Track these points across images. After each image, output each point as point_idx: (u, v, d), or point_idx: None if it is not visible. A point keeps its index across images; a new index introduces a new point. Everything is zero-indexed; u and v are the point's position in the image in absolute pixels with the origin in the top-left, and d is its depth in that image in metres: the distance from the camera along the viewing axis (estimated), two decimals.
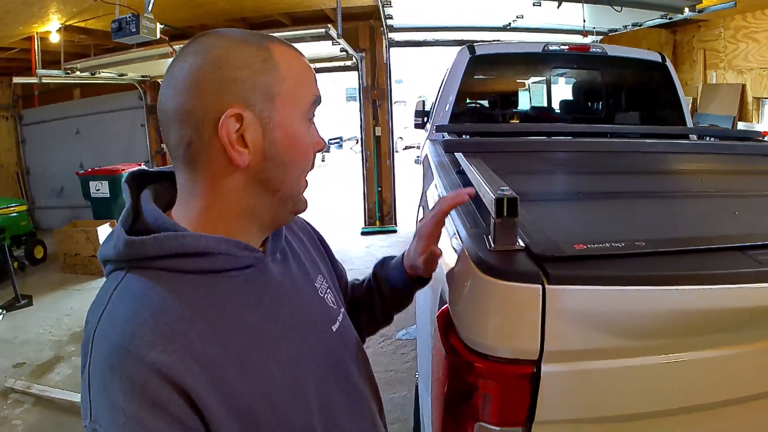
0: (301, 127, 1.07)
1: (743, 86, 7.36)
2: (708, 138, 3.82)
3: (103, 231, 7.88)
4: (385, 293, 1.50)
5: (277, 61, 1.04)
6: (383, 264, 1.54)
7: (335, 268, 1.48)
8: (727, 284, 1.11)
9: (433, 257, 1.38)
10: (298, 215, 1.32)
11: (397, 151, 10.45)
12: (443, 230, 1.38)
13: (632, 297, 1.09)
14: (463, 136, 2.97)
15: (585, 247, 1.19)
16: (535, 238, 1.24)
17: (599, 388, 1.15)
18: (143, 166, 8.67)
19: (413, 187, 8.62)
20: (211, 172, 1.02)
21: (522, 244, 1.22)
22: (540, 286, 1.08)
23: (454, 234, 1.51)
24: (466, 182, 1.91)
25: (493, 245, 1.23)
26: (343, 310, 1.32)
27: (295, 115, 1.06)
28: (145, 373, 0.85)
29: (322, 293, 1.26)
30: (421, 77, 24.10)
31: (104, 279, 1.04)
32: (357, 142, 9.91)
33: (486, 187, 1.33)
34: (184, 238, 0.99)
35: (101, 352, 0.89)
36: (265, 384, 0.99)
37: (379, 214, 10.02)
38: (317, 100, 1.11)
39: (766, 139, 3.54)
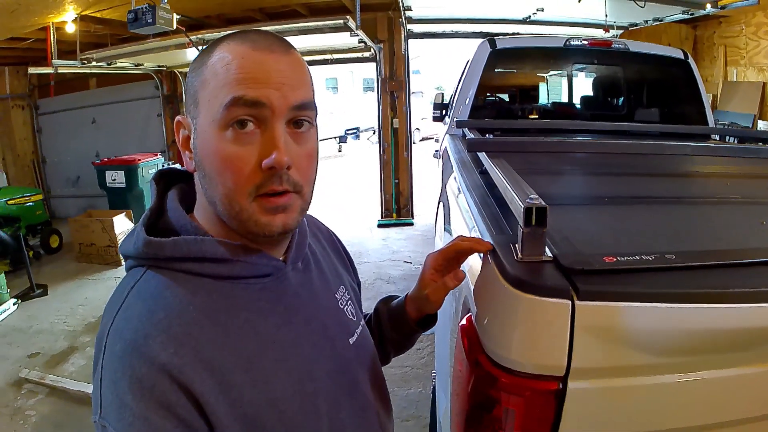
0: (216, 136, 0.97)
1: (764, 84, 7.28)
2: (730, 138, 3.78)
3: (119, 221, 7.92)
4: (385, 333, 1.45)
5: (207, 63, 0.99)
6: (386, 302, 1.49)
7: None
8: (761, 303, 1.08)
9: (445, 286, 1.31)
10: (322, 224, 1.31)
11: (414, 143, 10.44)
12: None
13: (664, 314, 1.06)
14: (486, 135, 2.93)
15: (615, 260, 1.16)
16: (563, 249, 1.22)
17: (625, 404, 1.13)
18: (159, 156, 8.78)
19: (431, 180, 8.71)
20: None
21: (550, 254, 1.20)
22: (570, 302, 1.05)
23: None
24: (489, 183, 1.89)
25: (520, 255, 1.20)
26: (362, 323, 1.31)
27: (209, 121, 0.98)
28: (155, 373, 0.86)
29: (342, 305, 1.25)
30: (438, 68, 24.12)
31: (120, 268, 1.07)
32: (374, 133, 9.93)
33: (514, 194, 1.31)
34: (203, 243, 0.99)
35: (114, 349, 0.90)
36: (273, 392, 0.99)
37: (396, 207, 10.02)
38: (238, 103, 0.95)
39: None
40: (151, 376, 0.86)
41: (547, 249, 1.21)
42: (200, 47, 6.70)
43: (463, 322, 1.34)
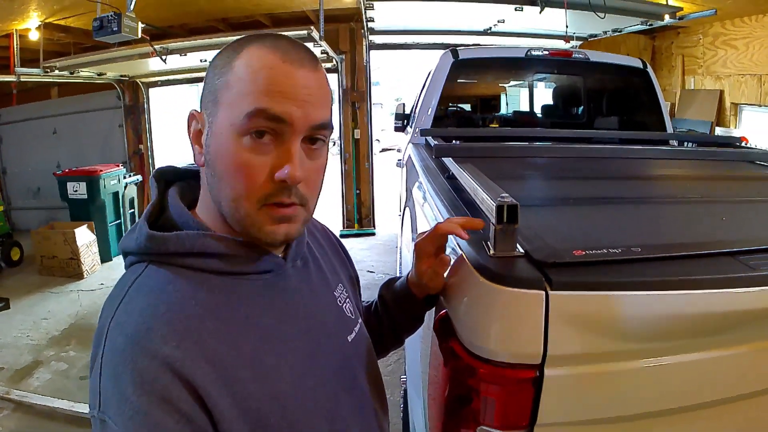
0: (233, 141, 0.97)
1: (721, 92, 7.44)
2: (688, 144, 3.87)
3: (81, 233, 7.82)
4: (393, 317, 1.45)
5: (233, 64, 0.99)
6: (388, 286, 1.49)
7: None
8: (722, 289, 1.15)
9: (436, 273, 1.33)
10: (317, 221, 1.35)
11: (374, 154, 10.44)
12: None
13: (633, 302, 1.11)
14: (453, 141, 2.98)
15: (584, 253, 1.21)
16: (535, 245, 1.26)
17: (601, 390, 1.17)
18: (121, 167, 8.66)
19: (392, 190, 8.70)
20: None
21: (521, 250, 1.24)
22: (543, 292, 1.10)
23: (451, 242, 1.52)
24: (457, 187, 1.92)
25: (493, 251, 1.24)
26: (360, 320, 1.31)
27: (227, 125, 0.98)
28: (157, 367, 0.86)
29: (340, 302, 1.25)
30: (397, 80, 24.13)
31: (83, 281, 1.06)
32: (334, 144, 9.84)
33: (484, 194, 1.35)
34: (206, 238, 1.00)
35: (115, 343, 0.89)
36: (276, 386, 0.99)
37: (358, 217, 10.00)
38: (261, 115, 0.95)
39: (745, 144, 3.59)
40: (153, 369, 0.85)
41: (518, 245, 1.25)
42: (164, 57, 6.69)
43: (437, 316, 1.38)
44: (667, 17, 6.07)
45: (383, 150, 19.47)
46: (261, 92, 0.96)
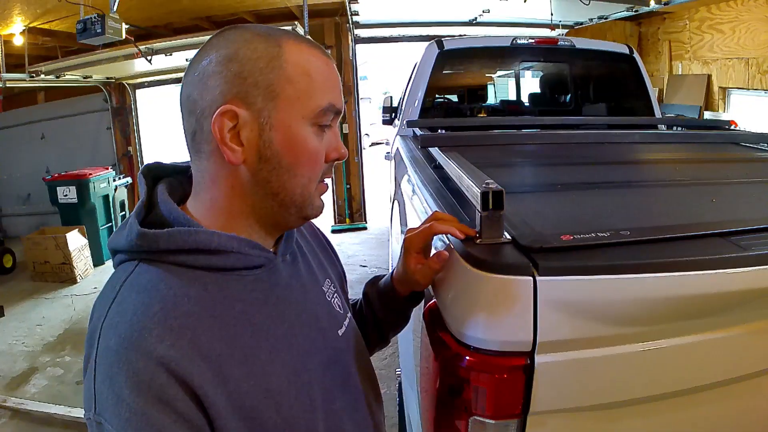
0: (303, 131, 1.03)
1: (709, 76, 7.44)
2: (676, 128, 3.87)
3: (72, 237, 7.78)
4: (378, 315, 1.45)
5: (285, 59, 1.01)
6: (373, 284, 1.48)
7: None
8: (714, 269, 1.13)
9: (430, 268, 1.30)
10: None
11: (363, 148, 10.44)
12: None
13: (623, 285, 1.10)
14: (439, 131, 2.97)
15: (571, 237, 1.20)
16: (521, 230, 1.25)
17: (593, 376, 1.16)
18: (110, 170, 8.61)
19: (382, 184, 8.73)
20: (214, 166, 1.03)
21: (508, 236, 1.23)
22: (531, 278, 1.08)
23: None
24: (444, 176, 1.91)
25: (479, 238, 1.23)
26: (349, 315, 1.31)
27: (298, 118, 1.02)
28: (153, 367, 0.85)
29: (329, 297, 1.25)
30: (385, 73, 24.09)
31: (76, 286, 1.04)
32: None
33: (470, 181, 1.33)
34: (198, 234, 0.99)
35: (109, 344, 0.89)
36: (270, 383, 0.99)
37: (349, 212, 10.00)
38: (331, 109, 1.06)
39: (733, 128, 3.59)
40: (149, 370, 0.85)
41: (505, 232, 1.23)
42: (149, 57, 6.66)
43: (426, 306, 1.36)
44: (652, 3, 6.07)
45: (373, 144, 19.50)
46: (330, 88, 1.07)
